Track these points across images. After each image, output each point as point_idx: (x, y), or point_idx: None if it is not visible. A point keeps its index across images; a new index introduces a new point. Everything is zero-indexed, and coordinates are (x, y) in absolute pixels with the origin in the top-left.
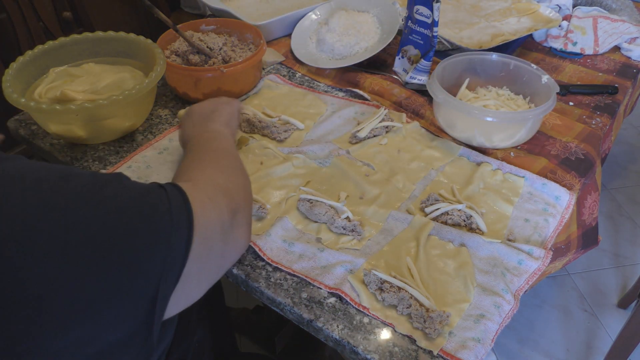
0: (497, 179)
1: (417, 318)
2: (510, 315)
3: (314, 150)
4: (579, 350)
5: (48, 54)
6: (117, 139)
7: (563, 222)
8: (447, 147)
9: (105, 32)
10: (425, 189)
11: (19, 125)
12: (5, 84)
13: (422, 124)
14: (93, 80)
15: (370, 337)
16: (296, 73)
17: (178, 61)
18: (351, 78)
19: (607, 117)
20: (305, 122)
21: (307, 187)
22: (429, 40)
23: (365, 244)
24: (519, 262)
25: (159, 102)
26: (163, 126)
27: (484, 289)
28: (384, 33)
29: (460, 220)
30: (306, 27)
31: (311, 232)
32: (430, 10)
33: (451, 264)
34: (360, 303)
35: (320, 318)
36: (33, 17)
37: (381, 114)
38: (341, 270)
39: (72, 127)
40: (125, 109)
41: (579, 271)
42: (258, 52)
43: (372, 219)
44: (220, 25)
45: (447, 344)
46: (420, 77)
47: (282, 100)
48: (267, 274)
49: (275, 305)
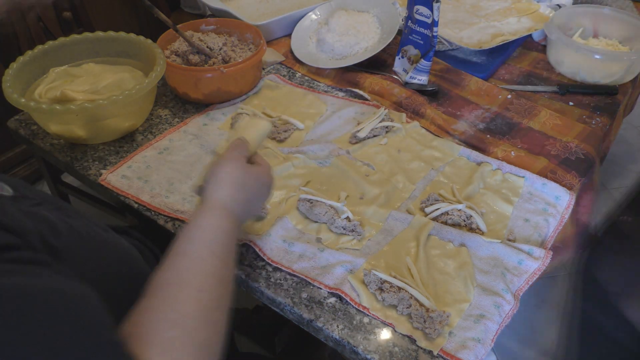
0: (497, 179)
1: (417, 318)
2: (510, 315)
3: (314, 150)
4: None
5: (48, 54)
6: (117, 139)
7: (563, 222)
8: (447, 147)
9: (105, 32)
10: (425, 189)
11: (19, 125)
12: (5, 84)
13: (422, 124)
14: (93, 80)
15: (370, 337)
16: (296, 73)
17: (178, 61)
18: (351, 78)
19: (607, 117)
20: (305, 122)
21: (307, 187)
22: (429, 40)
23: (365, 244)
24: (519, 262)
25: (159, 102)
26: (163, 126)
27: (484, 289)
28: (384, 33)
29: (460, 220)
30: (306, 27)
31: (311, 232)
32: (430, 10)
33: (451, 264)
34: (360, 303)
35: (320, 318)
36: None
37: (381, 114)
38: (341, 270)
39: (72, 127)
40: (125, 109)
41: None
42: (258, 52)
43: (372, 219)
44: (220, 25)
45: (447, 344)
46: (420, 77)
47: (282, 100)
48: (267, 274)
49: (275, 305)
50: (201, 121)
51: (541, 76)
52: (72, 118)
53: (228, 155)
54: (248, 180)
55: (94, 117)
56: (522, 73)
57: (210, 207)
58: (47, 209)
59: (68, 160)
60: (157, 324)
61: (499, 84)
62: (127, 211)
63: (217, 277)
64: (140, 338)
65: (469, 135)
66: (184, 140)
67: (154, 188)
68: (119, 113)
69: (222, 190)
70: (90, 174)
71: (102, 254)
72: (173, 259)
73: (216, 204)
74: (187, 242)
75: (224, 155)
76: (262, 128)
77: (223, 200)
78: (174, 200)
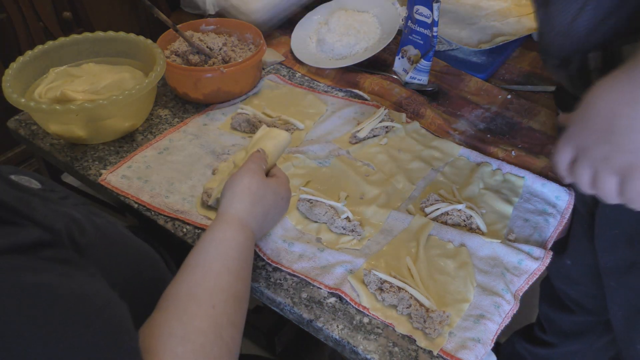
0: (497, 179)
1: (417, 318)
2: (510, 315)
3: (314, 150)
4: None
5: (48, 54)
6: (117, 139)
7: (563, 222)
8: (447, 147)
9: (105, 32)
10: (425, 189)
11: (19, 125)
12: (5, 84)
13: (422, 124)
14: (93, 80)
15: (370, 337)
16: (296, 73)
17: (178, 61)
18: (351, 78)
19: None
20: (305, 122)
21: (307, 187)
22: (429, 40)
23: (365, 244)
24: (518, 262)
25: (159, 102)
26: (163, 126)
27: (484, 289)
28: (384, 33)
29: (460, 220)
30: (306, 27)
31: (311, 232)
32: (430, 10)
33: (451, 264)
34: (360, 303)
35: (320, 318)
36: (33, 17)
37: (381, 114)
38: (341, 270)
39: (72, 127)
40: (125, 109)
41: None
42: (258, 52)
43: (372, 219)
44: (220, 25)
45: (447, 344)
46: (420, 77)
47: (282, 100)
48: (267, 274)
49: (275, 305)
50: (201, 121)
51: (541, 76)
52: (72, 118)
53: (245, 168)
54: (265, 194)
55: (94, 117)
56: (522, 73)
57: (226, 220)
58: (73, 203)
59: (68, 160)
60: (168, 338)
61: (499, 84)
62: (127, 211)
63: (231, 292)
64: (151, 352)
65: (470, 134)
66: (184, 140)
67: (154, 188)
68: (119, 113)
69: (239, 204)
70: (90, 174)
71: (125, 255)
72: (186, 272)
73: (232, 218)
74: (201, 255)
75: (242, 168)
76: (282, 139)
77: (239, 214)
78: (174, 200)
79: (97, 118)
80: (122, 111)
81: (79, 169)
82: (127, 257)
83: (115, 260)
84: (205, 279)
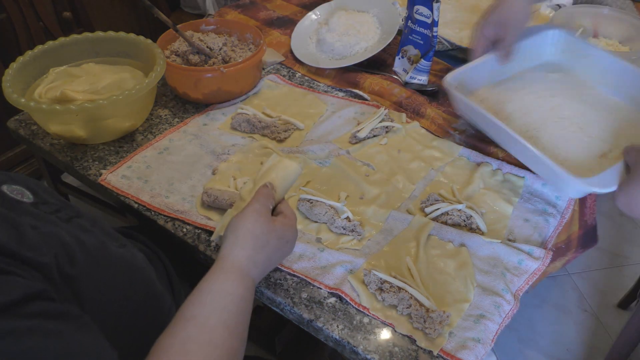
0: (497, 179)
1: (417, 318)
2: (510, 315)
3: (314, 150)
4: (579, 350)
5: (48, 54)
6: (117, 139)
7: (563, 222)
8: (447, 147)
9: (105, 32)
10: (425, 189)
11: (19, 125)
12: (5, 84)
13: (422, 124)
14: (93, 80)
15: (370, 337)
16: (296, 73)
17: (178, 61)
18: (351, 78)
19: None
20: (305, 122)
21: (307, 187)
22: (429, 40)
23: (365, 244)
24: (519, 262)
25: (159, 102)
26: (163, 126)
27: (484, 289)
28: (384, 33)
29: (460, 220)
30: (306, 27)
31: (311, 232)
32: (430, 10)
33: (451, 264)
34: (360, 303)
35: (320, 318)
36: (33, 17)
37: (381, 114)
38: (341, 270)
39: (72, 127)
40: (125, 109)
41: (579, 271)
42: (258, 52)
43: (372, 219)
44: (220, 25)
45: (447, 344)
46: (420, 77)
47: (282, 100)
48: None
49: (275, 305)
50: (201, 121)
51: None
52: (72, 118)
53: (251, 209)
54: (270, 238)
55: (94, 117)
56: None
57: (226, 269)
58: (65, 216)
59: (68, 160)
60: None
61: None
62: (127, 211)
63: (225, 349)
64: None
65: (470, 134)
66: (184, 140)
67: (154, 188)
68: (119, 113)
69: (241, 250)
70: (90, 174)
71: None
72: (180, 325)
73: (233, 266)
74: (197, 307)
75: (247, 208)
76: (291, 171)
77: (240, 261)
78: (173, 200)
79: (97, 118)
80: (122, 111)
81: (79, 169)
82: (118, 280)
83: (107, 285)
84: (199, 334)
